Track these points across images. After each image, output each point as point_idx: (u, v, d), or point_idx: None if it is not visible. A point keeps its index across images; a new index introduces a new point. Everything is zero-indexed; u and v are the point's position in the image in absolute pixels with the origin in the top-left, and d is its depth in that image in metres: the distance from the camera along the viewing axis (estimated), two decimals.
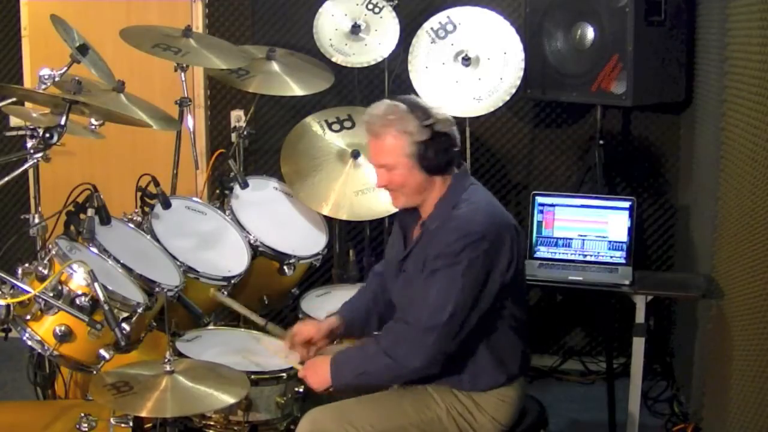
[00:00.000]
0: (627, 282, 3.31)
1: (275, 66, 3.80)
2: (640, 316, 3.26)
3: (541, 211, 3.57)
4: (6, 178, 2.61)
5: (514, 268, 2.44)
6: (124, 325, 2.43)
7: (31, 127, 3.00)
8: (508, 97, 3.67)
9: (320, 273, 4.01)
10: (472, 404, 2.48)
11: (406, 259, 2.53)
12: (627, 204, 3.48)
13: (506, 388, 2.50)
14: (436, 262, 2.37)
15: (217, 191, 3.62)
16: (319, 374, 2.48)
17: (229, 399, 2.41)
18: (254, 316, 3.01)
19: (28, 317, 2.47)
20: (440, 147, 2.42)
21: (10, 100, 3.00)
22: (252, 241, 3.37)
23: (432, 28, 3.71)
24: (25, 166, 2.68)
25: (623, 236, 3.47)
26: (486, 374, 2.47)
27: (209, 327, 3.08)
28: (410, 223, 2.61)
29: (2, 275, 2.39)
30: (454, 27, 3.70)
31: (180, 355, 2.71)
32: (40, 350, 2.50)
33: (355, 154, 3.62)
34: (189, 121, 3.75)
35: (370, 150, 2.53)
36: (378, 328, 2.71)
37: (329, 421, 2.44)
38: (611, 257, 3.48)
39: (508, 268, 2.41)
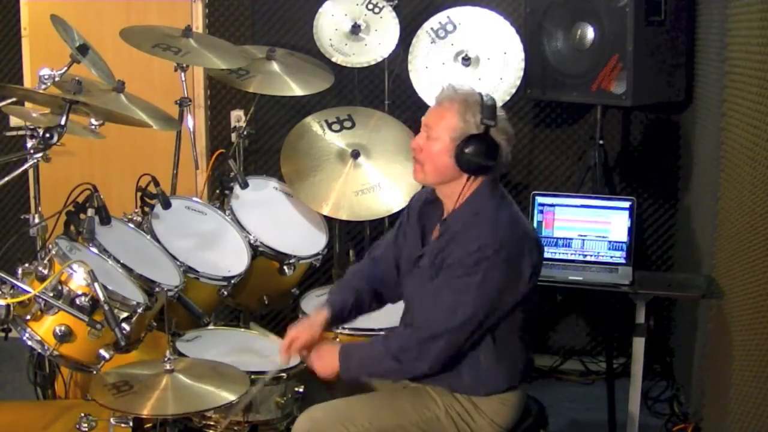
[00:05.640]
0: (627, 282, 3.31)
1: (275, 66, 3.80)
2: (640, 316, 3.26)
3: (541, 211, 3.57)
4: (6, 178, 2.61)
5: (534, 281, 2.43)
6: (124, 325, 2.43)
7: (31, 127, 3.00)
8: (508, 97, 3.67)
9: (320, 273, 4.01)
10: (471, 406, 2.47)
11: (423, 257, 2.52)
12: (627, 204, 3.48)
13: (507, 393, 2.49)
14: (454, 270, 2.36)
15: (217, 191, 3.62)
16: (326, 362, 2.48)
17: (229, 397, 2.41)
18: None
19: (28, 317, 2.47)
20: (482, 150, 2.38)
21: (10, 100, 3.01)
22: (252, 241, 3.37)
23: (432, 28, 3.71)
24: (25, 166, 2.68)
25: (623, 236, 3.47)
26: (489, 380, 2.46)
27: (209, 327, 3.08)
28: (432, 220, 2.58)
29: (2, 275, 2.39)
30: (454, 27, 3.70)
31: (180, 355, 2.72)
32: (40, 350, 2.50)
33: (355, 154, 3.62)
34: (189, 121, 3.75)
35: (429, 111, 2.50)
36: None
37: (327, 419, 2.44)
38: (611, 257, 3.48)
39: (529, 280, 2.41)
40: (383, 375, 2.51)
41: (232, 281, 3.22)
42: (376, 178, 3.60)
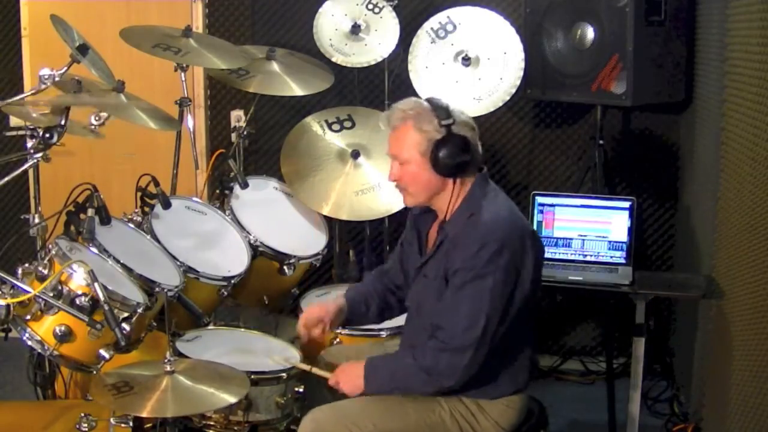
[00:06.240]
0: (627, 282, 3.31)
1: (275, 66, 3.80)
2: (640, 316, 3.26)
3: (541, 211, 3.57)
4: (6, 178, 2.61)
5: (536, 275, 2.44)
6: (124, 325, 2.43)
7: (31, 127, 2.99)
8: (508, 97, 3.67)
9: (320, 273, 4.01)
10: (476, 409, 2.47)
11: (425, 265, 2.52)
12: (627, 204, 3.48)
13: (514, 395, 2.50)
14: (463, 275, 2.36)
15: (217, 191, 3.62)
16: (352, 380, 2.47)
17: (229, 398, 2.41)
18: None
19: (28, 317, 2.47)
20: (455, 149, 2.41)
21: (10, 100, 3.00)
22: (252, 241, 3.37)
23: (432, 28, 3.71)
24: (25, 166, 2.68)
25: (623, 236, 3.47)
26: (496, 384, 2.47)
27: (209, 327, 3.08)
28: (425, 225, 2.60)
29: (2, 275, 2.39)
30: (454, 27, 3.70)
31: (180, 355, 2.72)
32: (40, 350, 2.50)
33: (355, 154, 3.63)
34: (189, 121, 3.75)
35: (388, 141, 2.53)
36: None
37: (331, 421, 2.43)
38: (611, 257, 3.48)
39: (533, 273, 2.41)
40: (412, 389, 2.46)
41: (232, 281, 3.22)
42: (376, 178, 3.60)
